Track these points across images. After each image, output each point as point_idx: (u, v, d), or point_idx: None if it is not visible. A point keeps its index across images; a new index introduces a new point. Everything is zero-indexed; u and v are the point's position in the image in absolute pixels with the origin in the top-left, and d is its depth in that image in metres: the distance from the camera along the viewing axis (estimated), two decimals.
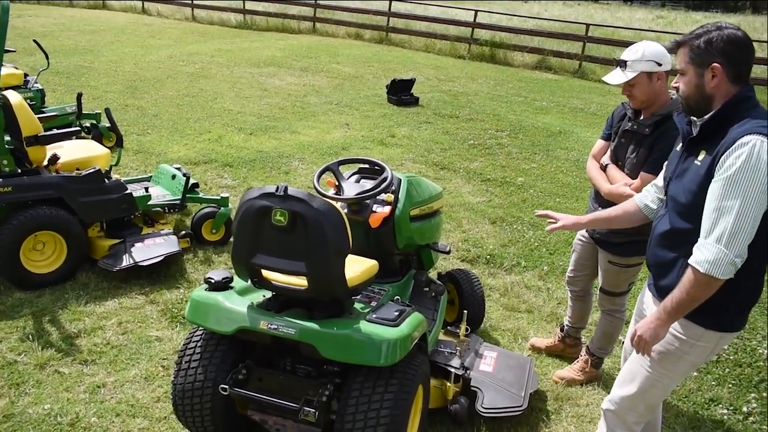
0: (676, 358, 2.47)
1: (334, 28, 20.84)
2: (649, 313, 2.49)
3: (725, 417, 3.66)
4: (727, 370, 4.14)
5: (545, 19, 23.51)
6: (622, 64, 3.17)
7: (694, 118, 2.41)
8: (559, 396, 3.73)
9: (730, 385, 3.97)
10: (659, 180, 2.73)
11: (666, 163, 2.63)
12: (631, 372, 2.62)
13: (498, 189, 7.53)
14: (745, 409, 3.73)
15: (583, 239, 3.76)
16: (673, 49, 2.44)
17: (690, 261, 2.24)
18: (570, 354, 4.16)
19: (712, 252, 2.17)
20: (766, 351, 4.34)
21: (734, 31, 2.30)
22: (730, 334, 2.47)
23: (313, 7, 21.29)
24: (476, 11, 19.22)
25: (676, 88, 2.43)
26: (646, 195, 2.79)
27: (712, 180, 2.24)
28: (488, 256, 5.66)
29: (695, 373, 4.06)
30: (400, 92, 11.56)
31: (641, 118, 3.29)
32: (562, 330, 4.20)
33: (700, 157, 2.34)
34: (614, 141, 3.46)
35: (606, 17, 32.42)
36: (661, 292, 2.48)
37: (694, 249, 2.25)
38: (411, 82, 11.81)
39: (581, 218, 2.99)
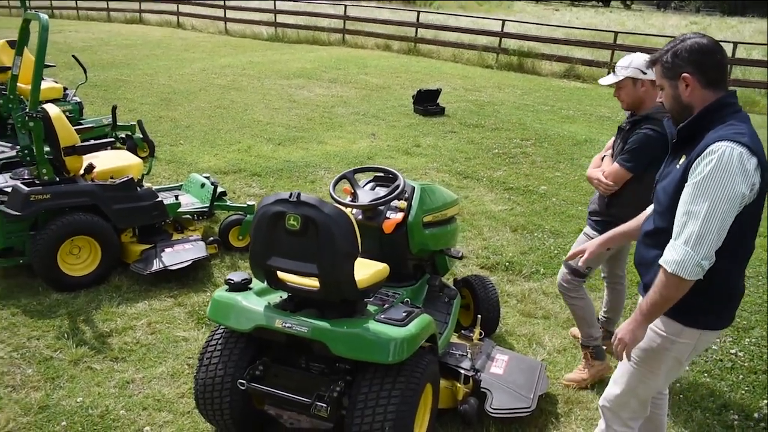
0: (659, 355, 2.56)
1: (364, 39, 21.12)
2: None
3: (736, 423, 3.70)
4: (741, 376, 4.17)
5: (575, 27, 23.43)
6: (613, 69, 3.68)
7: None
8: (569, 399, 3.82)
9: (743, 392, 4.01)
10: None
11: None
12: (621, 370, 2.72)
13: (520, 197, 7.62)
14: (756, 415, 3.76)
15: (586, 236, 3.94)
16: (649, 67, 2.55)
17: (660, 261, 2.33)
18: (605, 346, 4.13)
19: (680, 253, 2.26)
20: None
21: (697, 40, 2.40)
22: (711, 332, 2.56)
23: (343, 19, 21.62)
24: (504, 20, 19.31)
25: (661, 103, 2.54)
26: None
27: (686, 184, 2.32)
28: (507, 263, 5.76)
29: (707, 379, 4.11)
30: (426, 102, 11.72)
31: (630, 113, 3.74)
32: (598, 320, 4.27)
33: (680, 161, 2.43)
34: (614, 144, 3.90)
35: (638, 24, 32.17)
36: (645, 290, 2.56)
37: (665, 249, 2.33)
38: (437, 93, 11.96)
39: (602, 241, 3.01)
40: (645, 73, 3.53)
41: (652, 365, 2.60)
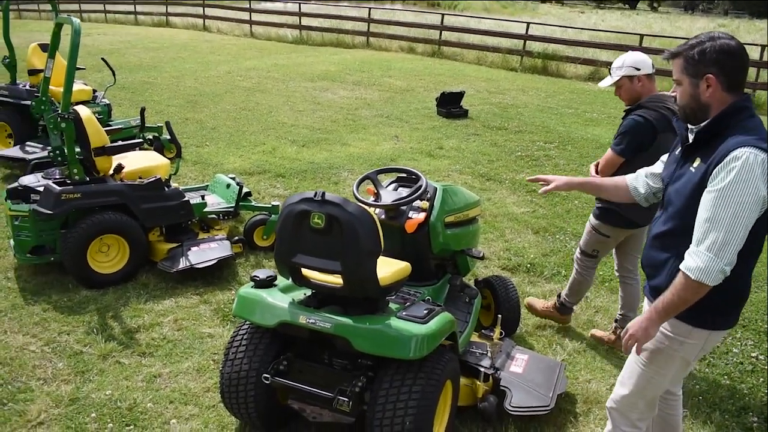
0: (668, 356, 2.58)
1: (388, 42, 21.22)
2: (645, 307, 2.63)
3: (755, 425, 3.70)
4: (761, 379, 4.16)
5: (600, 30, 23.31)
6: (610, 71, 3.97)
7: (691, 126, 2.51)
8: (588, 399, 3.84)
9: (763, 395, 3.99)
10: (654, 168, 2.86)
11: (664, 165, 2.75)
12: (628, 371, 2.75)
13: (542, 200, 7.62)
14: None
15: (589, 223, 4.38)
16: (668, 59, 2.53)
17: (681, 267, 2.34)
18: (618, 346, 4.39)
19: (704, 260, 2.27)
20: None
21: (727, 41, 2.38)
22: (718, 332, 2.57)
23: (367, 22, 21.73)
24: (528, 23, 19.27)
25: (674, 97, 2.54)
26: (637, 178, 2.92)
27: (706, 190, 2.32)
28: (529, 265, 5.78)
29: (727, 381, 4.10)
30: (450, 105, 11.76)
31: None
32: (616, 321, 4.52)
33: (695, 164, 2.43)
34: None
35: (665, 27, 31.90)
36: (652, 292, 2.60)
37: (686, 255, 2.34)
38: (460, 95, 11.99)
39: (573, 179, 3.10)
40: (639, 70, 3.86)
41: (660, 366, 2.62)
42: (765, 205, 2.29)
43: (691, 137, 2.52)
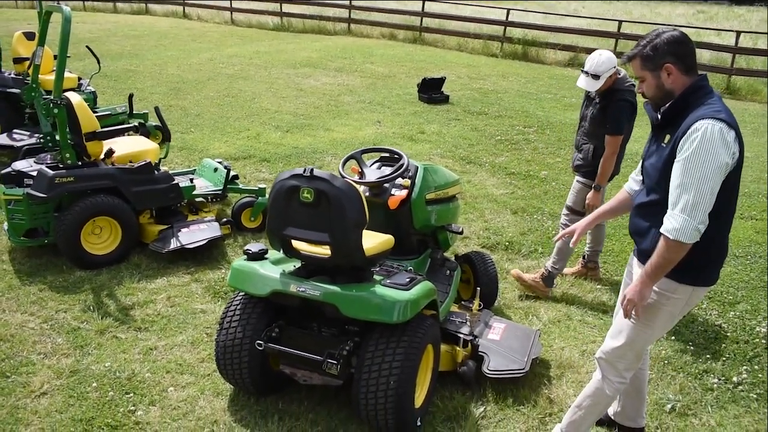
0: (656, 310, 2.86)
1: (369, 29, 21.30)
2: (635, 273, 2.93)
3: (715, 386, 3.98)
4: (723, 345, 4.44)
5: (581, 17, 23.52)
6: (596, 77, 4.53)
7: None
8: (561, 364, 4.10)
9: (724, 359, 4.27)
10: (637, 169, 3.13)
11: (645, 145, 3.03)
12: (619, 325, 3.02)
13: (521, 182, 7.87)
14: (735, 379, 4.03)
15: (580, 183, 5.00)
16: (626, 63, 2.86)
17: (661, 230, 2.63)
18: (592, 276, 5.36)
19: (679, 221, 2.56)
20: (765, 329, 4.61)
21: (672, 33, 2.71)
22: (701, 288, 2.87)
23: (348, 8, 21.79)
24: (508, 10, 19.45)
25: (642, 93, 2.82)
26: (631, 182, 3.19)
27: (675, 160, 2.62)
28: (507, 243, 6.02)
29: (692, 347, 4.38)
30: (431, 91, 11.95)
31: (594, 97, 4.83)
32: (584, 258, 5.38)
33: (665, 140, 2.74)
34: (582, 104, 5.02)
35: (645, 13, 32.16)
36: (641, 255, 2.90)
37: (664, 219, 2.63)
38: (441, 81, 12.18)
39: (589, 217, 3.32)
40: (614, 66, 4.54)
41: (649, 319, 2.89)
42: (727, 168, 2.58)
43: (659, 117, 2.81)
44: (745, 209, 7.15)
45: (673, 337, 4.50)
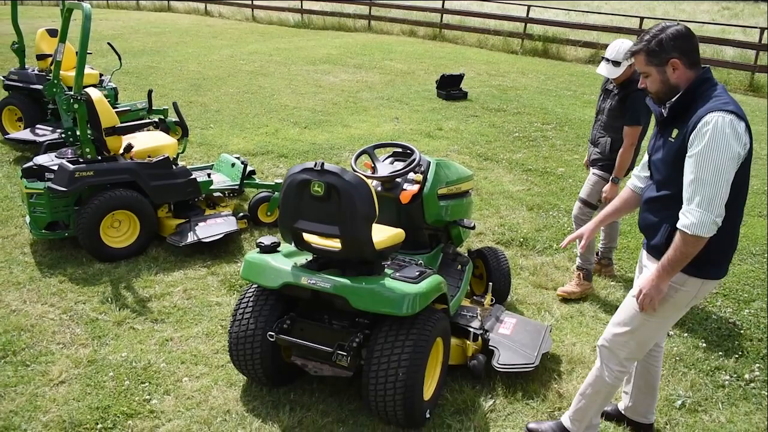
0: (663, 301, 2.84)
1: (389, 25, 21.31)
2: (646, 267, 2.94)
3: (727, 383, 3.96)
4: (737, 342, 4.41)
5: (602, 13, 23.31)
6: (617, 63, 4.54)
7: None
8: (572, 359, 4.10)
9: (737, 356, 4.25)
10: (638, 165, 3.15)
11: (649, 140, 3.02)
12: (624, 313, 3.00)
13: (538, 179, 7.85)
14: (747, 376, 4.02)
15: (596, 176, 4.98)
16: (629, 58, 2.86)
17: (678, 225, 2.63)
18: (606, 273, 5.35)
19: (696, 216, 2.57)
20: None
21: (676, 28, 2.70)
22: (711, 281, 2.86)
23: (369, 5, 21.81)
24: (529, 6, 19.34)
25: (644, 88, 2.82)
26: (634, 179, 3.18)
27: (687, 155, 2.62)
28: (522, 239, 6.02)
29: (704, 344, 4.36)
30: (449, 87, 11.94)
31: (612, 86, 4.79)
32: (597, 255, 5.34)
33: (674, 134, 2.74)
34: (599, 97, 4.95)
35: (668, 10, 31.78)
36: (652, 250, 2.90)
37: (680, 215, 2.63)
38: (460, 78, 12.17)
39: (595, 220, 3.31)
40: None
41: (657, 309, 2.87)
42: (740, 159, 2.58)
43: (665, 112, 2.79)
44: (764, 207, 7.07)
45: (686, 334, 4.48)
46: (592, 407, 3.19)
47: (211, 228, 5.46)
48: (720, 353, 4.27)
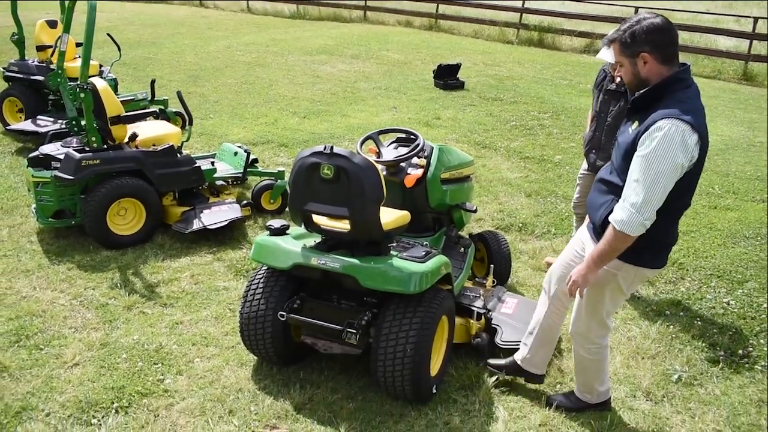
0: (603, 285, 3.03)
1: (385, 16, 21.33)
2: (587, 248, 3.09)
3: (721, 358, 4.10)
4: (731, 321, 4.54)
5: (598, 2, 23.37)
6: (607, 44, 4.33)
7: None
8: (571, 338, 4.20)
9: (731, 333, 4.38)
10: None
11: None
12: (577, 305, 3.23)
13: (536, 166, 7.95)
14: (741, 352, 4.15)
15: (585, 172, 4.98)
16: (607, 46, 2.92)
17: (610, 218, 2.77)
18: None
19: (627, 214, 2.69)
20: (766, 303, 4.72)
21: (653, 20, 2.70)
22: (647, 269, 3.03)
23: None
24: None
25: (620, 77, 2.91)
26: None
27: (635, 153, 2.70)
28: (521, 224, 6.13)
29: (699, 323, 4.48)
30: (446, 77, 12.01)
31: (619, 80, 4.20)
32: None
33: (634, 125, 2.81)
34: (599, 98, 4.56)
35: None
36: (592, 228, 3.08)
37: (615, 207, 2.77)
38: (457, 67, 12.24)
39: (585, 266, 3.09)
40: None
41: (598, 293, 3.07)
42: (683, 170, 2.67)
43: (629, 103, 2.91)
44: (757, 192, 7.20)
45: (681, 313, 4.61)
46: (591, 380, 3.40)
47: (216, 215, 5.55)
48: (714, 331, 4.39)
